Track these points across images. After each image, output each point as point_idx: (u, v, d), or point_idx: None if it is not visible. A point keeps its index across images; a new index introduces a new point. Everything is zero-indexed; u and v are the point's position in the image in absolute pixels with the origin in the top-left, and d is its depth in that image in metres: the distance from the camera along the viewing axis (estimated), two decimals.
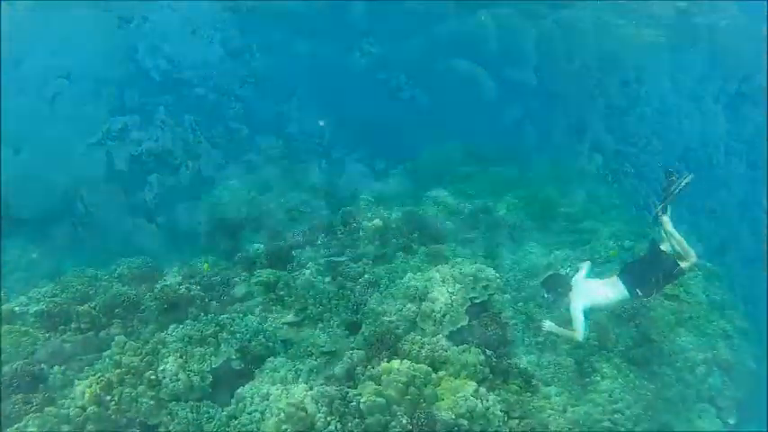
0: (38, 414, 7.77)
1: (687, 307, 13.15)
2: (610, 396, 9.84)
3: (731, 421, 12.27)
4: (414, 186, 20.10)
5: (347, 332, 10.05)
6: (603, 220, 17.07)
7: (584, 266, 8.14)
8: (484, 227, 15.66)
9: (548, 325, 7.77)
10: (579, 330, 7.39)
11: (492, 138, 28.14)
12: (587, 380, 10.29)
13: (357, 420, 6.91)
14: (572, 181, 21.17)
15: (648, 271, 7.46)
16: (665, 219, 7.51)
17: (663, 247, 7.68)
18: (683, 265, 7.37)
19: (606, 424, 9.45)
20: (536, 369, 9.99)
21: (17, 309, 10.37)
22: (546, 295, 7.62)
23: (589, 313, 7.53)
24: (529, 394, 8.67)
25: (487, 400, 7.78)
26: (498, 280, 10.69)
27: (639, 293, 7.42)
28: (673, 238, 7.48)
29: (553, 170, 22.46)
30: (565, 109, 43.92)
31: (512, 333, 10.31)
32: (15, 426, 7.67)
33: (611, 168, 23.74)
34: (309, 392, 7.30)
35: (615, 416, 9.56)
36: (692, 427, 11.40)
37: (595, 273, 11.69)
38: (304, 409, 7.07)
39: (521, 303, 11.55)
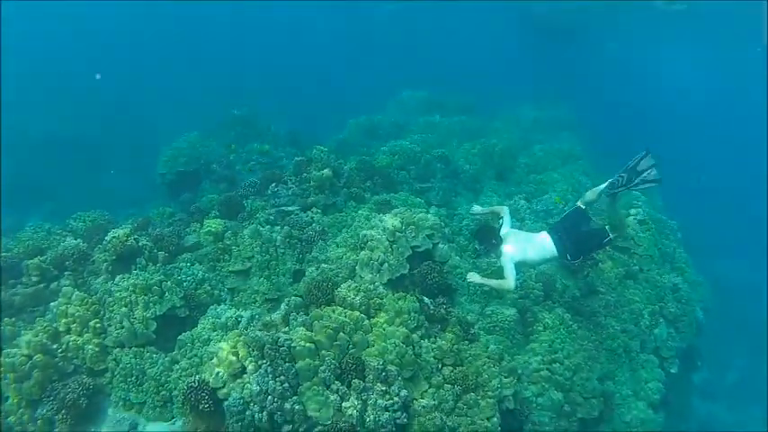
0: None
1: (638, 259, 13.43)
2: (550, 346, 10.08)
3: (673, 370, 12.72)
4: (374, 137, 20.15)
5: (291, 280, 10.25)
6: (563, 173, 17.22)
7: (505, 211, 8.30)
8: (440, 176, 15.77)
9: (471, 276, 8.03)
10: (510, 279, 7.67)
11: (460, 87, 28.09)
12: (529, 329, 10.54)
13: (288, 365, 7.13)
14: (535, 131, 21.32)
15: (578, 236, 7.72)
16: (617, 195, 7.91)
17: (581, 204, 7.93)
18: (612, 236, 7.70)
19: (544, 373, 9.75)
20: (477, 318, 10.22)
21: None
22: (478, 246, 7.88)
23: (520, 265, 7.80)
24: (466, 343, 8.79)
25: (420, 348, 8.02)
26: (444, 229, 10.77)
27: (569, 258, 7.77)
28: (615, 212, 7.74)
29: (518, 121, 22.63)
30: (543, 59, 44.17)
31: (456, 282, 10.47)
32: None
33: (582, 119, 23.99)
34: (241, 337, 7.49)
35: (554, 365, 9.84)
36: (634, 376, 11.83)
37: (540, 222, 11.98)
38: (236, 354, 7.28)
39: (469, 252, 11.75)
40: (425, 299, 9.05)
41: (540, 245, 7.95)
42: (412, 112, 23.37)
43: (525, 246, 7.99)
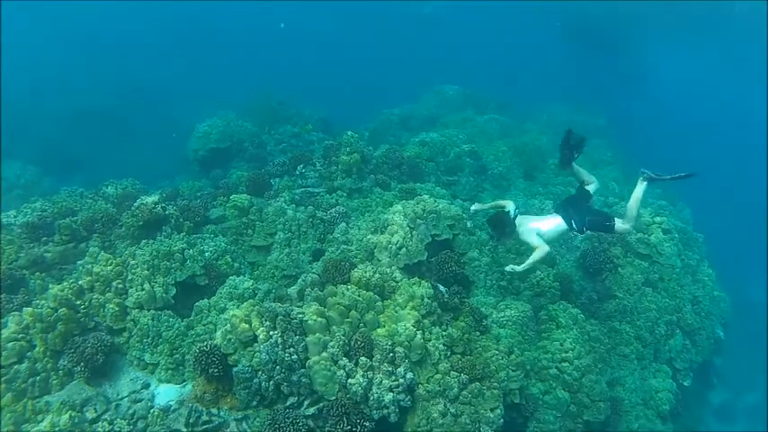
0: (17, 313, 8.25)
1: (659, 268, 13.28)
2: (561, 345, 10.00)
3: (686, 383, 12.60)
4: (406, 128, 20.25)
5: (311, 258, 10.43)
6: (594, 175, 17.05)
7: (510, 204, 8.37)
8: (468, 171, 15.78)
9: (510, 267, 8.09)
10: (542, 245, 7.89)
11: (496, 85, 28.06)
12: (543, 327, 10.53)
13: (298, 337, 7.28)
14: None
15: (582, 211, 8.03)
16: (644, 184, 8.01)
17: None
18: (618, 224, 7.94)
19: (552, 371, 9.74)
20: (491, 311, 10.25)
21: (5, 220, 10.86)
22: (491, 233, 8.00)
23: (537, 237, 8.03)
24: (477, 333, 8.90)
25: (430, 333, 8.12)
26: (466, 221, 10.85)
27: (574, 227, 8.00)
28: (632, 198, 7.88)
29: (552, 122, 22.50)
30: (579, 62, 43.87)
31: (473, 274, 10.54)
32: None
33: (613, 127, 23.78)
34: (255, 307, 7.67)
35: (563, 364, 9.80)
36: (645, 385, 11.74)
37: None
38: (249, 322, 7.45)
39: (489, 246, 11.78)
40: (440, 287, 9.15)
41: (552, 221, 8.26)
42: (446, 107, 23.40)
43: (539, 223, 8.25)
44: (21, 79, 28.65)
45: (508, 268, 8.24)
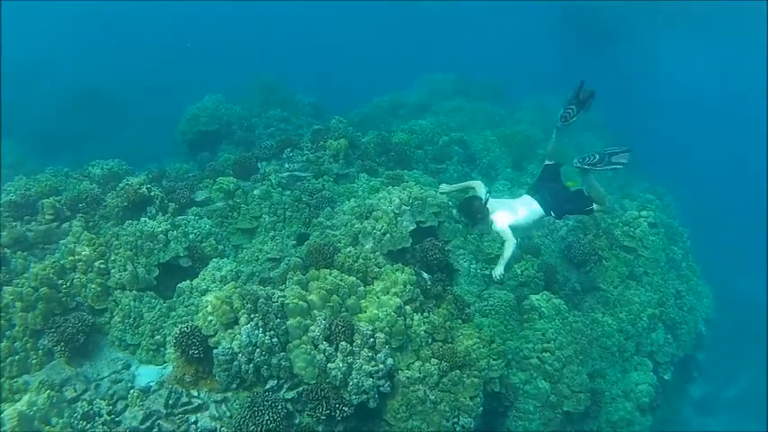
0: None
1: (643, 261, 13.42)
2: (543, 335, 10.07)
3: (667, 377, 12.72)
4: (397, 116, 20.25)
5: (295, 243, 10.40)
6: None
7: (479, 185, 8.12)
8: (456, 159, 15.80)
9: (497, 271, 7.90)
10: (511, 239, 7.51)
11: (490, 74, 28.05)
12: (525, 317, 10.57)
13: (279, 320, 7.27)
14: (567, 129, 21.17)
15: (556, 191, 7.63)
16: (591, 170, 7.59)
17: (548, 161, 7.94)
18: (596, 207, 7.64)
19: (534, 361, 9.80)
20: (474, 300, 10.30)
21: None
22: (464, 219, 7.74)
23: (514, 230, 7.70)
24: (459, 321, 8.92)
25: (411, 319, 8.13)
26: (452, 209, 10.83)
27: (552, 214, 7.56)
28: (593, 187, 7.61)
29: (543, 113, 22.47)
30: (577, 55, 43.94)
31: (457, 262, 10.56)
32: None
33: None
34: (237, 289, 7.65)
35: (544, 354, 9.86)
36: (626, 377, 11.84)
37: None
38: (230, 304, 7.42)
39: (474, 235, 11.79)
40: (424, 274, 9.17)
41: (527, 205, 7.68)
42: (438, 95, 23.40)
43: (514, 209, 7.68)
44: (15, 57, 28.47)
45: (495, 273, 8.15)
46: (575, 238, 12.72)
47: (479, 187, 7.90)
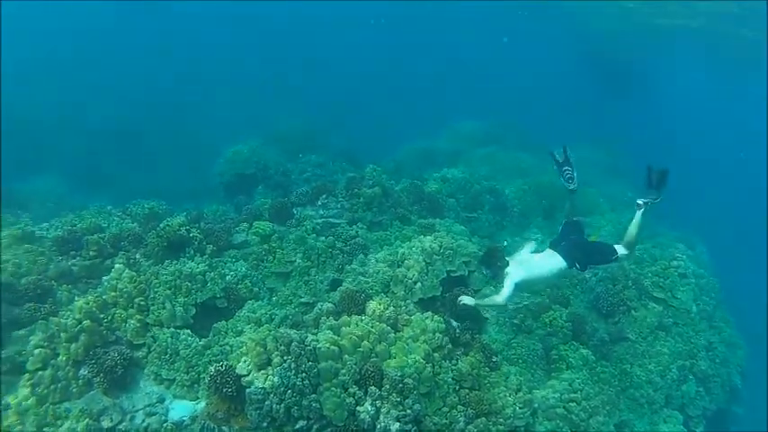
0: (43, 322, 8.64)
1: (673, 312, 13.30)
2: (570, 385, 10.08)
3: (698, 431, 12.50)
4: (428, 163, 20.57)
5: (328, 288, 10.67)
6: (609, 218, 17.21)
7: (528, 246, 8.44)
8: (488, 208, 16.01)
9: (466, 299, 8.23)
10: (504, 293, 7.78)
11: (519, 122, 28.38)
12: (553, 366, 10.66)
13: (311, 363, 7.51)
14: (590, 175, 21.24)
15: (585, 249, 7.87)
16: (641, 212, 8.05)
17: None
18: (620, 250, 7.83)
19: (560, 410, 9.80)
20: (503, 348, 10.41)
21: (38, 233, 11.33)
22: (485, 271, 7.95)
23: (529, 284, 7.91)
24: (487, 369, 9.07)
25: (440, 367, 8.31)
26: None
27: (577, 266, 7.75)
28: (634, 226, 7.80)
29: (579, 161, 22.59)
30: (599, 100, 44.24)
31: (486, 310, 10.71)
32: (26, 329, 8.74)
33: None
34: (271, 332, 7.93)
35: (571, 405, 9.85)
36: (654, 429, 11.65)
37: None
38: (264, 346, 7.70)
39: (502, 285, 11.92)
40: (453, 322, 9.36)
41: (546, 257, 8.03)
42: (468, 142, 23.72)
43: (530, 261, 8.06)
44: (52, 94, 29.48)
45: (463, 300, 8.42)
46: (603, 289, 12.76)
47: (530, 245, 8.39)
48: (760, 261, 33.22)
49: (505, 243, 8.12)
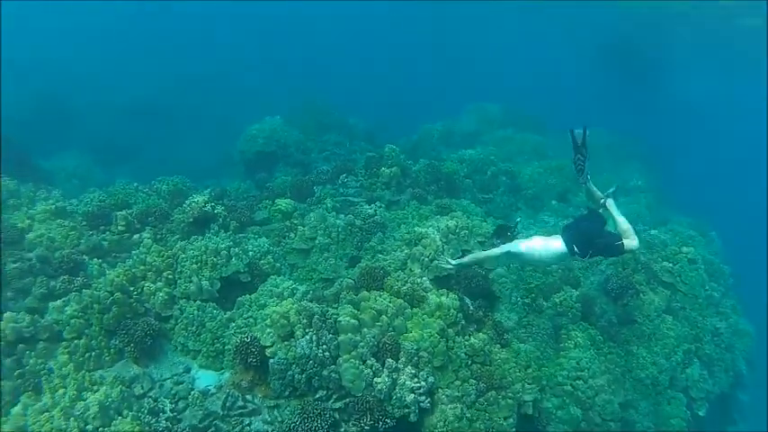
0: (77, 293, 9.08)
1: (681, 297, 13.61)
2: (578, 363, 10.49)
3: (701, 413, 12.83)
4: (446, 143, 20.80)
5: (347, 265, 11.08)
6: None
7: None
8: (503, 189, 16.30)
9: (443, 259, 8.53)
10: (489, 252, 8.10)
11: (537, 104, 28.42)
12: (561, 345, 11.03)
13: (331, 336, 7.93)
14: (606, 158, 21.37)
15: (590, 234, 7.73)
16: (610, 202, 8.05)
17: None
18: (627, 243, 7.60)
19: (567, 387, 10.21)
20: (514, 326, 10.78)
21: (69, 208, 11.77)
22: (495, 241, 8.19)
23: (526, 257, 8.07)
24: (498, 346, 9.47)
25: (453, 342, 8.72)
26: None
27: (576, 251, 7.68)
28: (617, 221, 7.84)
29: (591, 145, 22.69)
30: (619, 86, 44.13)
31: (499, 290, 11.07)
32: (61, 299, 9.15)
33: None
34: (294, 306, 8.35)
35: (577, 382, 10.27)
36: (658, 410, 12.03)
37: None
38: (287, 318, 8.13)
39: (516, 265, 12.27)
40: (467, 299, 9.75)
41: (551, 241, 7.95)
42: (487, 124, 23.92)
43: (533, 240, 8.05)
44: (77, 71, 29.93)
45: (440, 261, 8.79)
46: (613, 271, 13.05)
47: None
48: None
49: (518, 220, 8.35)
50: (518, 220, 8.37)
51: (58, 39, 39.14)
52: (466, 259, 8.39)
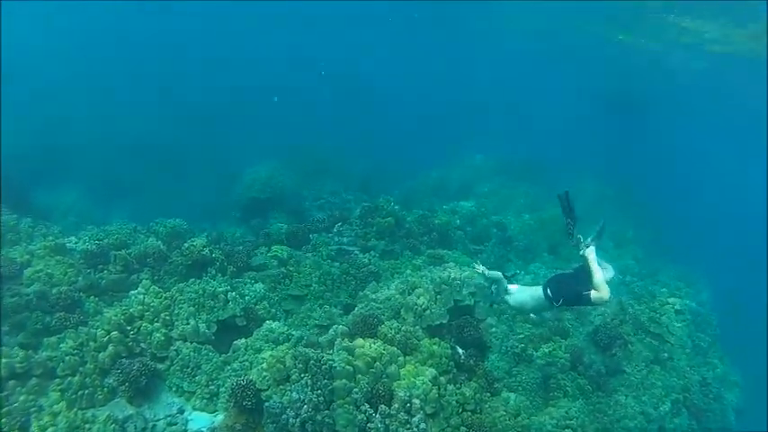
0: (73, 331, 9.24)
1: (669, 347, 13.85)
2: (566, 413, 10.66)
3: None
4: (440, 193, 21.19)
5: (342, 312, 11.29)
6: (613, 256, 17.69)
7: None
8: (495, 241, 16.61)
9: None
10: (491, 273, 8.69)
11: (529, 154, 28.95)
12: (551, 394, 11.21)
13: (326, 381, 8.08)
14: (597, 210, 21.69)
15: (565, 285, 7.94)
16: (589, 251, 7.88)
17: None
18: (593, 294, 7.59)
19: None
20: (504, 375, 11.00)
21: (68, 245, 11.93)
22: (493, 288, 8.51)
23: (516, 301, 8.49)
24: (488, 394, 9.63)
25: (445, 389, 8.87)
26: (488, 289, 11.62)
27: (549, 295, 7.95)
28: (591, 269, 7.67)
29: (581, 195, 23.13)
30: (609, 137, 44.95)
31: (490, 340, 11.29)
32: (56, 336, 9.26)
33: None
34: (291, 351, 8.52)
35: (566, 431, 10.43)
36: None
37: None
38: (283, 363, 8.29)
39: (506, 315, 12.51)
40: (458, 348, 9.94)
41: (533, 292, 8.30)
42: (479, 174, 24.37)
43: (522, 289, 8.50)
44: (77, 108, 30.15)
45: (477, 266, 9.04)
46: (602, 322, 13.35)
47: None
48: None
49: (517, 271, 8.70)
50: (516, 271, 8.70)
51: (55, 61, 39.38)
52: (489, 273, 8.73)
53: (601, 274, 7.60)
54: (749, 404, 16.00)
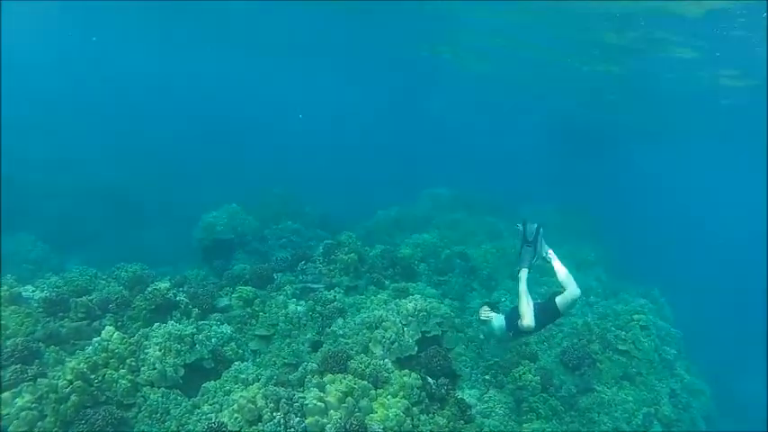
0: (31, 383, 8.90)
1: (636, 363, 14.23)
2: None
3: None
4: (401, 228, 21.35)
5: (310, 349, 11.23)
6: (576, 278, 17.94)
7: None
8: (458, 271, 16.77)
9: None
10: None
11: (487, 186, 29.42)
12: (524, 417, 11.31)
13: (298, 419, 8.02)
14: (556, 236, 22.06)
15: (513, 315, 8.39)
16: (521, 275, 8.44)
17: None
18: (519, 323, 8.10)
19: None
20: (476, 402, 11.04)
21: (24, 294, 11.64)
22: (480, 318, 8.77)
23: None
24: (462, 422, 9.64)
25: (418, 420, 8.89)
26: (454, 319, 11.84)
27: (507, 332, 8.51)
28: (519, 293, 8.21)
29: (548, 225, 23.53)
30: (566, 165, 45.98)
31: (459, 368, 11.37)
32: (11, 390, 8.84)
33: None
34: (261, 390, 8.44)
35: None
36: None
37: None
38: (254, 403, 8.19)
39: (475, 343, 12.61)
40: (429, 378, 9.97)
41: (499, 321, 8.72)
42: (439, 208, 24.75)
43: (494, 318, 8.87)
44: (32, 151, 29.61)
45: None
46: (569, 344, 13.63)
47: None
48: (732, 314, 34.13)
49: (503, 299, 8.98)
50: (503, 299, 8.95)
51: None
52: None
53: (525, 300, 8.03)
54: (717, 410, 16.42)
